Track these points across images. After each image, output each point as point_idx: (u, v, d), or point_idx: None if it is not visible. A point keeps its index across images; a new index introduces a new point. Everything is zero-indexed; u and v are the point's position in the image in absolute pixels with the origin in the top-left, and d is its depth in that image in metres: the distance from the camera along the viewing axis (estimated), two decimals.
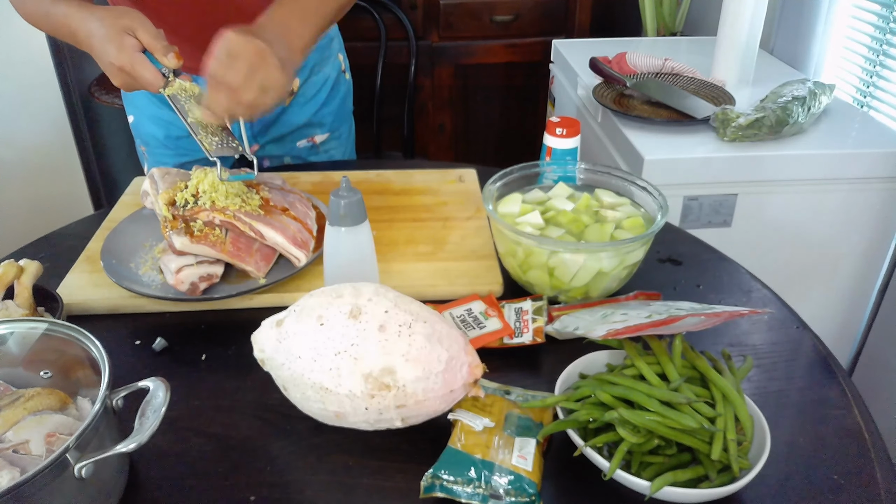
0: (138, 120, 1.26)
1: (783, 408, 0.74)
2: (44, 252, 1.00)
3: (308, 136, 1.30)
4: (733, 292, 0.93)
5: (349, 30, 1.84)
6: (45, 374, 0.68)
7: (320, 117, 1.29)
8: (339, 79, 1.31)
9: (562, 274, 0.84)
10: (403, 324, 0.65)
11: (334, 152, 1.35)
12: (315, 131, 1.30)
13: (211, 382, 0.78)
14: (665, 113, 1.49)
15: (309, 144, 1.31)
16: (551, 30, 2.34)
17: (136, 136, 1.29)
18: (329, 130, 1.31)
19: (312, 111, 1.27)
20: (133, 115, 1.26)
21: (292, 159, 1.32)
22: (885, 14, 1.55)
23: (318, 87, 1.27)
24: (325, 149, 1.33)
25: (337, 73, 1.30)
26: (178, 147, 1.24)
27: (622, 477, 0.62)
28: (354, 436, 0.70)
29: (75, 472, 0.55)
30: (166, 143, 1.24)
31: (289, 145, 1.29)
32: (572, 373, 0.73)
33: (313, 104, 1.27)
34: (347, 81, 1.35)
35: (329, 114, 1.30)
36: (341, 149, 1.37)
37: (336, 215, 0.76)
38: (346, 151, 1.39)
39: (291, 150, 1.30)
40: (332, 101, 1.30)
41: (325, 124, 1.30)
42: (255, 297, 0.88)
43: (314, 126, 1.29)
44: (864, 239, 1.46)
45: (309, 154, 1.32)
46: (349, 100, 1.36)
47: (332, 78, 1.28)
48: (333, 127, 1.32)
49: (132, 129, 1.29)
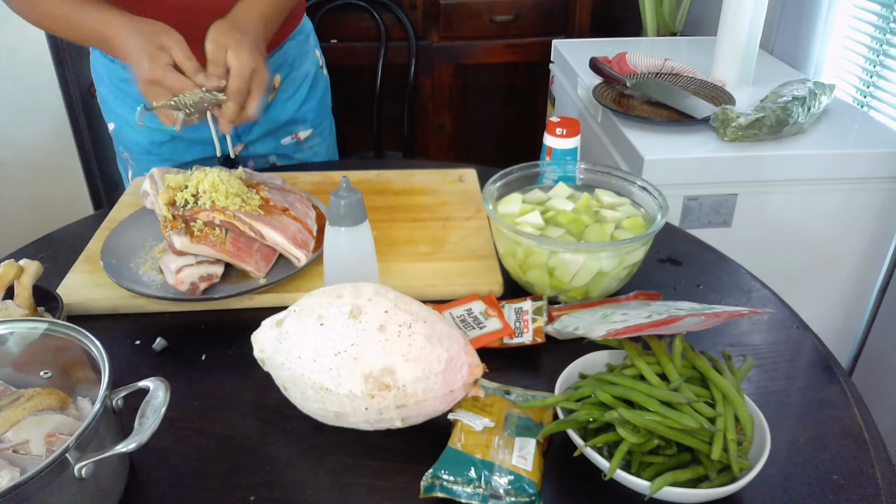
0: (119, 127, 1.26)
1: (783, 408, 0.74)
2: (44, 252, 1.00)
3: (292, 132, 1.31)
4: (733, 292, 0.93)
5: (349, 30, 1.85)
6: (45, 374, 0.68)
7: (303, 113, 1.31)
8: (317, 74, 1.33)
9: (562, 274, 0.84)
10: (403, 324, 0.65)
11: (318, 149, 1.37)
12: (299, 127, 1.31)
13: (211, 382, 0.78)
14: (665, 113, 1.49)
15: (294, 141, 1.32)
16: (551, 30, 2.34)
17: (118, 143, 1.29)
18: (312, 126, 1.33)
19: (295, 107, 1.29)
20: (114, 122, 1.26)
21: (278, 157, 1.33)
22: (885, 14, 1.55)
23: (299, 82, 1.28)
24: (310, 145, 1.35)
25: (315, 68, 1.32)
26: (161, 153, 1.24)
27: (622, 477, 0.62)
28: (354, 436, 0.70)
29: (75, 472, 0.55)
30: (150, 148, 1.24)
31: (273, 143, 1.30)
32: (572, 373, 0.73)
33: (295, 100, 1.29)
34: (325, 77, 1.36)
35: (311, 109, 1.32)
36: (325, 145, 1.38)
37: (336, 215, 0.76)
38: (329, 148, 1.41)
39: (277, 148, 1.31)
40: (313, 96, 1.32)
41: (307, 120, 1.32)
42: (255, 297, 0.88)
43: (297, 123, 1.31)
44: (864, 239, 1.46)
45: (294, 151, 1.33)
46: (328, 96, 1.38)
47: (311, 74, 1.30)
48: (316, 123, 1.34)
49: (113, 136, 1.29)
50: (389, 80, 1.95)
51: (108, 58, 1.18)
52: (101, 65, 1.21)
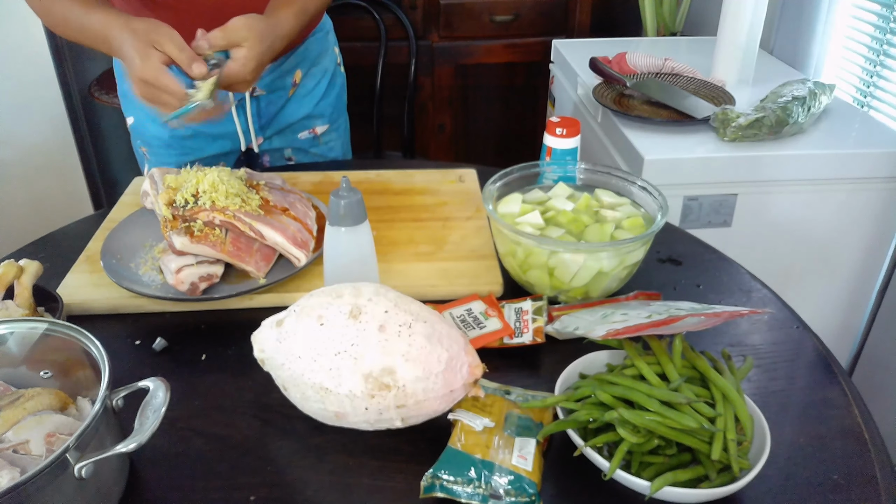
0: (139, 121, 1.26)
1: (783, 408, 0.74)
2: (44, 252, 0.99)
3: (310, 127, 1.34)
4: (733, 292, 0.93)
5: (349, 30, 1.85)
6: (45, 374, 0.68)
7: (321, 109, 1.33)
8: (335, 71, 1.35)
9: (562, 274, 0.84)
10: (403, 324, 0.65)
11: (333, 144, 1.39)
12: (316, 122, 1.34)
13: (211, 382, 0.78)
14: (665, 113, 1.49)
15: (311, 136, 1.35)
16: (551, 30, 2.34)
17: (136, 138, 1.30)
18: (329, 122, 1.36)
19: (314, 103, 1.31)
20: (133, 116, 1.27)
21: (294, 151, 1.35)
22: (885, 14, 1.55)
23: (318, 78, 1.31)
24: (325, 140, 1.37)
25: (334, 65, 1.35)
26: (182, 147, 1.26)
27: (622, 477, 0.62)
28: (354, 436, 0.70)
29: (75, 473, 0.55)
30: (171, 143, 1.25)
31: (291, 136, 1.33)
32: (572, 373, 0.73)
33: (314, 95, 1.31)
34: (342, 75, 1.39)
35: (329, 105, 1.34)
36: (339, 141, 1.41)
37: (336, 215, 0.76)
38: (344, 144, 1.43)
39: (294, 142, 1.34)
40: (331, 93, 1.34)
41: (324, 115, 1.34)
42: (255, 297, 0.88)
43: (315, 118, 1.33)
44: (864, 239, 1.46)
45: (310, 145, 1.36)
46: (344, 93, 1.41)
47: (329, 70, 1.33)
48: (332, 118, 1.36)
49: (131, 130, 1.29)
50: (389, 80, 1.95)
51: None
52: None
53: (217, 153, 1.28)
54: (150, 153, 1.29)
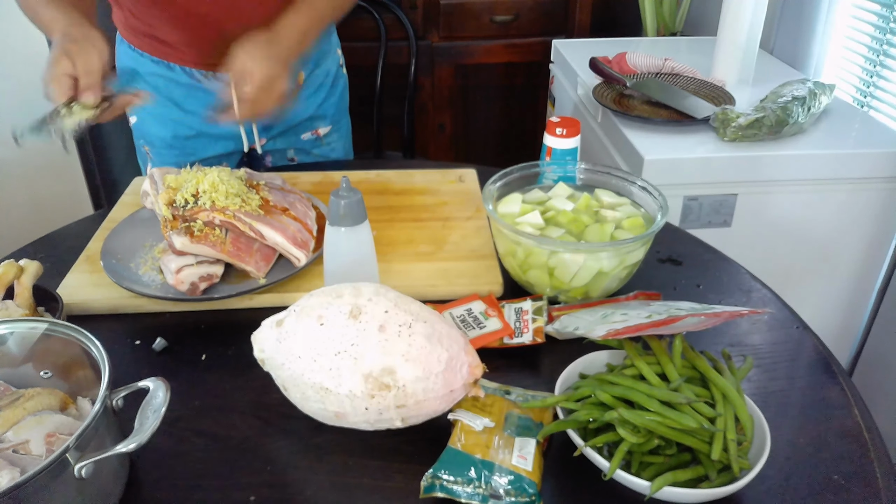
0: (142, 120, 1.27)
1: (783, 408, 0.74)
2: (44, 252, 0.99)
3: (312, 128, 1.34)
4: (733, 292, 0.93)
5: (349, 30, 1.84)
6: (45, 374, 0.68)
7: (323, 110, 1.34)
8: (338, 73, 1.36)
9: (562, 274, 0.84)
10: (403, 324, 0.65)
11: (336, 145, 1.40)
12: (319, 124, 1.35)
13: (211, 382, 0.78)
14: (665, 113, 1.49)
15: (313, 137, 1.35)
16: (551, 30, 2.34)
17: (139, 137, 1.30)
18: (331, 123, 1.36)
19: (317, 104, 1.32)
20: (136, 115, 1.27)
21: (296, 152, 1.36)
22: (885, 14, 1.55)
23: (321, 79, 1.32)
24: (328, 141, 1.38)
25: (336, 67, 1.35)
26: (185, 147, 1.26)
27: (622, 477, 0.62)
28: (354, 436, 0.70)
29: (75, 472, 0.55)
30: (173, 143, 1.26)
31: (294, 137, 1.34)
32: (572, 373, 0.73)
33: (317, 97, 1.32)
34: (345, 76, 1.40)
35: (331, 106, 1.35)
36: (342, 142, 1.41)
37: (336, 215, 0.76)
38: (346, 145, 1.44)
39: (296, 143, 1.35)
40: (333, 94, 1.35)
41: (327, 116, 1.35)
42: (255, 297, 0.88)
43: (318, 119, 1.34)
44: (864, 239, 1.46)
45: (313, 146, 1.36)
46: (346, 95, 1.41)
47: (332, 72, 1.34)
48: (335, 120, 1.37)
49: (134, 129, 1.29)
50: (389, 80, 1.95)
51: (135, 51, 1.19)
52: (128, 58, 1.21)
53: (220, 153, 1.28)
54: (153, 153, 1.29)
